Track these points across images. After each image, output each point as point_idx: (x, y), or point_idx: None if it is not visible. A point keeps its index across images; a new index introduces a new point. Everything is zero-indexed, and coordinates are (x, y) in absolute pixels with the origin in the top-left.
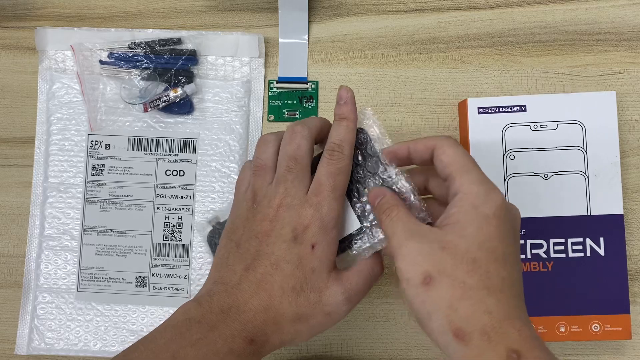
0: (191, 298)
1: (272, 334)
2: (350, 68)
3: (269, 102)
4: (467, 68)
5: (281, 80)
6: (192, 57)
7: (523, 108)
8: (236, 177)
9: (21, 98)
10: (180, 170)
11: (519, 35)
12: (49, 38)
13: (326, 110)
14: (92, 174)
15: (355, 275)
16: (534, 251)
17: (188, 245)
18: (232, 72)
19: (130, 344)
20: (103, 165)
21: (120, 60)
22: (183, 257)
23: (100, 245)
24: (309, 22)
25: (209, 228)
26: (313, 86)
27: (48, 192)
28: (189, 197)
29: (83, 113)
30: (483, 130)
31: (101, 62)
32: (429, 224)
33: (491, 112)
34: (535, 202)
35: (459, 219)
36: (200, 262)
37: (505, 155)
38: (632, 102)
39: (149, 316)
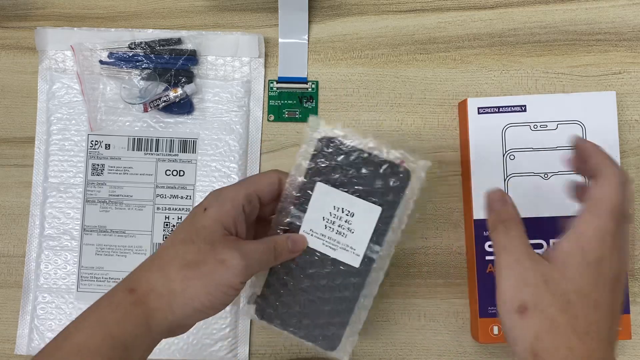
0: None
1: (157, 282)
2: (350, 68)
3: (269, 102)
4: (467, 68)
5: (281, 80)
6: (192, 57)
7: (523, 108)
8: (236, 177)
9: (21, 98)
10: (180, 170)
11: (519, 35)
12: (49, 38)
13: (326, 110)
14: (92, 174)
15: (254, 242)
16: None
17: None
18: (232, 72)
19: None
20: (103, 165)
21: (120, 60)
22: None
23: (100, 245)
24: (309, 22)
25: (253, 307)
26: (313, 86)
27: (48, 192)
28: (189, 197)
29: (83, 113)
30: (483, 131)
31: (101, 62)
32: None
33: (491, 112)
34: (535, 202)
35: (565, 260)
36: None
37: (505, 155)
38: (632, 102)
39: None
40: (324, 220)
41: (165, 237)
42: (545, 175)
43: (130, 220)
